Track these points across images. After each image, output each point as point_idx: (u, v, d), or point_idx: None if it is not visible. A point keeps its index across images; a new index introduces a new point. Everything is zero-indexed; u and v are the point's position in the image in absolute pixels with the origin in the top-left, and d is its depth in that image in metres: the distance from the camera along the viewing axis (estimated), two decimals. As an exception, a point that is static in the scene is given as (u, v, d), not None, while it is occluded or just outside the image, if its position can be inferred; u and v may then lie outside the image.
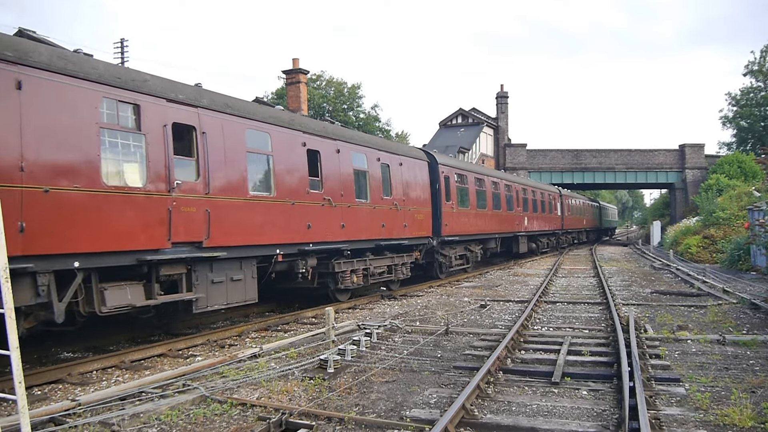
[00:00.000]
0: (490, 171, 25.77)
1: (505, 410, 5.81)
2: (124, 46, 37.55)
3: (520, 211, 27.02)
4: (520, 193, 27.20)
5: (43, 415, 5.62)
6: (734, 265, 22.18)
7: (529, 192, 29.09)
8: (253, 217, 10.16)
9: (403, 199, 15.53)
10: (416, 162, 16.92)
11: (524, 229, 27.37)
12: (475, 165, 23.60)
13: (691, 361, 7.74)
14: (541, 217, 31.35)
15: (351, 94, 55.01)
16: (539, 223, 30.74)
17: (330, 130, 13.02)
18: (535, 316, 11.52)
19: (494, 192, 23.31)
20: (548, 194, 33.77)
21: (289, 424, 5.34)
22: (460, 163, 21.64)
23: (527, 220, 27.90)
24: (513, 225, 25.63)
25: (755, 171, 39.54)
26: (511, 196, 25.75)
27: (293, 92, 27.56)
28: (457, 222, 18.72)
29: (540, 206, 31.18)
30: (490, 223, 22.29)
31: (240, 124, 10.05)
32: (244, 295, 10.01)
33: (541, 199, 31.45)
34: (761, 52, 55.19)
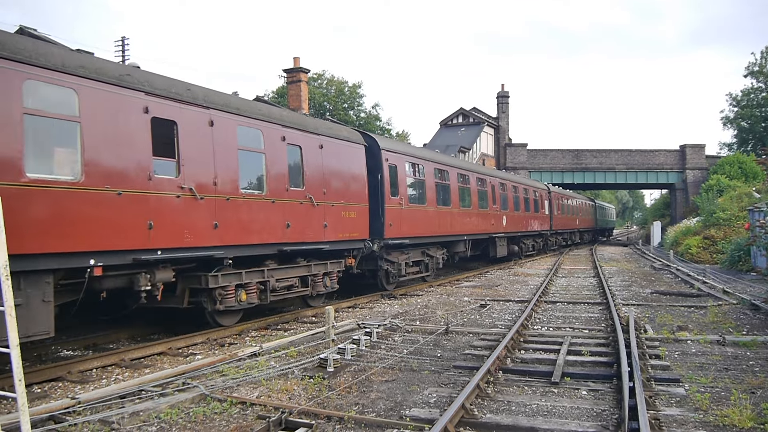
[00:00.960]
0: (456, 162, 21.62)
1: (504, 410, 5.81)
2: (125, 45, 37.57)
3: (497, 209, 23.55)
4: (497, 188, 23.83)
5: (43, 413, 5.62)
6: (734, 266, 22.18)
7: (509, 188, 25.63)
8: (36, 211, 6.83)
9: (322, 192, 12.06)
10: (346, 145, 13.26)
11: (503, 230, 23.97)
12: (436, 153, 19.89)
13: (691, 361, 7.74)
14: (526, 217, 28.08)
15: (352, 93, 54.99)
16: (523, 223, 27.51)
17: (200, 95, 9.46)
18: (535, 316, 11.52)
19: (462, 186, 19.94)
20: (534, 191, 30.42)
21: (288, 422, 5.34)
22: (413, 150, 17.81)
23: (506, 220, 24.51)
24: (488, 225, 22.22)
25: (756, 172, 39.55)
26: (486, 192, 22.40)
27: (294, 91, 27.52)
28: (407, 221, 15.48)
29: (524, 204, 27.75)
30: (456, 223, 18.95)
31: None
32: (26, 327, 6.56)
33: (524, 197, 28.08)
34: (762, 53, 55.25)
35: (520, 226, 27.04)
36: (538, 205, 30.71)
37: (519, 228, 26.72)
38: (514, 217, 25.88)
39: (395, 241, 14.90)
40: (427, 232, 16.84)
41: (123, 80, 8.09)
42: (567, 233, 39.63)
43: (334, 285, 12.94)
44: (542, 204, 31.64)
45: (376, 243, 14.15)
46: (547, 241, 33.61)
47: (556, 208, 34.47)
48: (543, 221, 31.64)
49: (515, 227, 26.07)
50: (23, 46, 7.01)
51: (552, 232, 33.93)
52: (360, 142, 14.09)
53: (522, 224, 27.33)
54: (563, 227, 37.11)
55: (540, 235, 31.69)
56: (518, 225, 26.61)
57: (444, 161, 19.18)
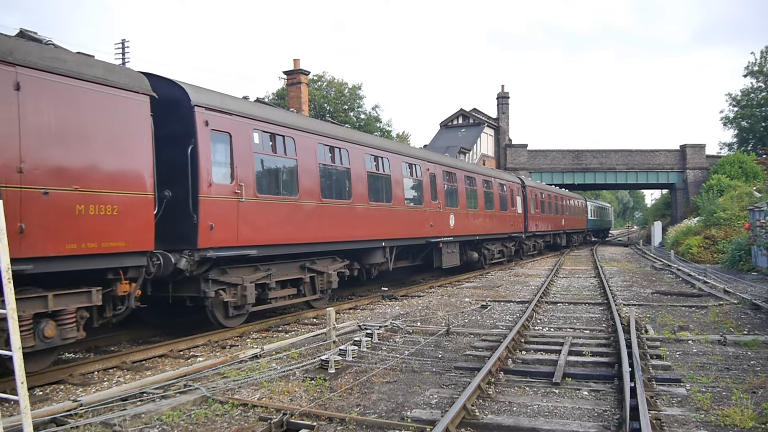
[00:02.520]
0: (365, 138, 15.36)
1: (506, 411, 5.81)
2: (125, 47, 37.63)
3: (440, 205, 17.89)
4: (439, 178, 18.03)
5: (45, 415, 5.63)
6: (735, 266, 22.18)
7: (459, 178, 19.82)
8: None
9: (17, 170, 6.60)
10: (96, 92, 7.61)
11: (450, 233, 18.42)
12: (324, 124, 14.14)
13: (692, 361, 7.74)
14: (489, 216, 22.62)
15: (352, 94, 55.10)
16: (484, 224, 21.99)
17: None
18: (536, 317, 11.52)
19: (376, 174, 14.51)
20: (500, 184, 24.66)
21: (290, 424, 5.34)
22: (271, 113, 11.45)
23: (455, 220, 18.95)
24: (423, 226, 16.73)
25: (756, 171, 39.57)
26: (421, 183, 16.92)
27: (294, 93, 27.61)
28: (257, 221, 10.31)
29: (484, 200, 22.27)
30: (366, 224, 13.73)
31: None
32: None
33: (486, 191, 22.61)
34: (761, 52, 55.31)
35: (480, 227, 21.56)
36: (506, 201, 25.09)
37: (478, 230, 21.30)
38: (469, 216, 20.41)
39: (228, 252, 9.64)
40: (303, 236, 11.50)
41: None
42: (550, 235, 34.10)
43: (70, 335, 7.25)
44: (513, 201, 26.18)
45: (184, 257, 8.92)
46: (522, 245, 28.27)
47: (533, 206, 29.00)
48: (514, 222, 26.13)
49: (472, 229, 20.70)
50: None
51: (528, 234, 28.48)
52: (138, 89, 8.20)
53: (483, 225, 21.91)
54: (544, 228, 31.70)
55: (511, 238, 26.21)
56: (476, 226, 21.17)
57: (339, 134, 13.35)
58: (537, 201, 30.03)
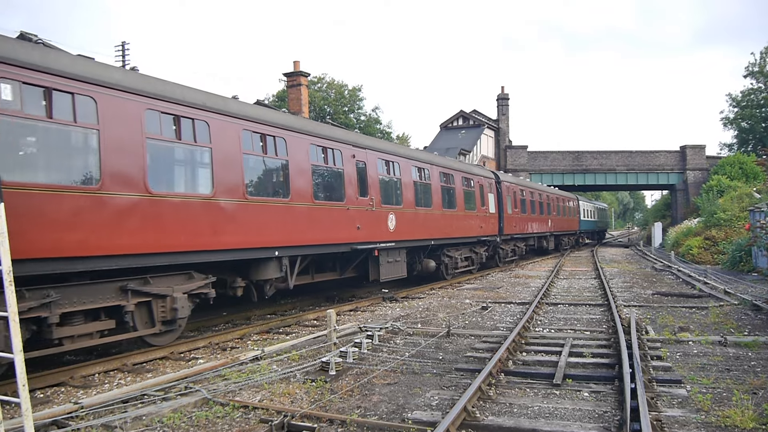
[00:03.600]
0: (226, 104, 10.08)
1: (506, 412, 5.82)
2: (125, 49, 37.66)
3: (372, 202, 13.81)
4: (372, 168, 14.05)
5: (46, 417, 5.63)
6: (735, 267, 22.18)
7: (404, 169, 15.75)
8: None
9: None
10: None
11: (390, 237, 14.57)
12: (179, 86, 9.12)
13: (693, 362, 7.74)
14: (449, 217, 18.48)
15: (352, 96, 55.18)
16: (443, 226, 17.89)
17: None
18: (537, 318, 11.52)
19: (261, 158, 10.60)
20: (466, 179, 20.44)
21: (291, 426, 5.35)
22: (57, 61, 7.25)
23: (398, 221, 14.89)
24: (345, 230, 12.77)
25: (756, 172, 39.56)
26: (341, 175, 12.82)
27: (294, 94, 27.63)
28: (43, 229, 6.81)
29: (444, 197, 18.16)
30: (241, 228, 9.89)
31: None
32: None
33: (445, 185, 18.46)
34: (761, 53, 55.40)
35: (436, 230, 17.45)
36: (473, 199, 20.99)
37: (433, 233, 17.18)
38: (418, 217, 16.33)
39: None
40: (118, 244, 7.74)
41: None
42: (533, 238, 29.84)
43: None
44: (483, 198, 22.14)
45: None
46: (498, 249, 24.32)
47: (510, 205, 25.20)
48: (486, 223, 22.14)
49: (423, 232, 16.58)
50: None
51: (506, 237, 24.59)
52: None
53: (441, 227, 17.78)
54: (525, 230, 27.51)
55: (481, 242, 22.21)
56: (430, 228, 17.03)
57: (187, 99, 9.02)
58: (516, 199, 26.27)
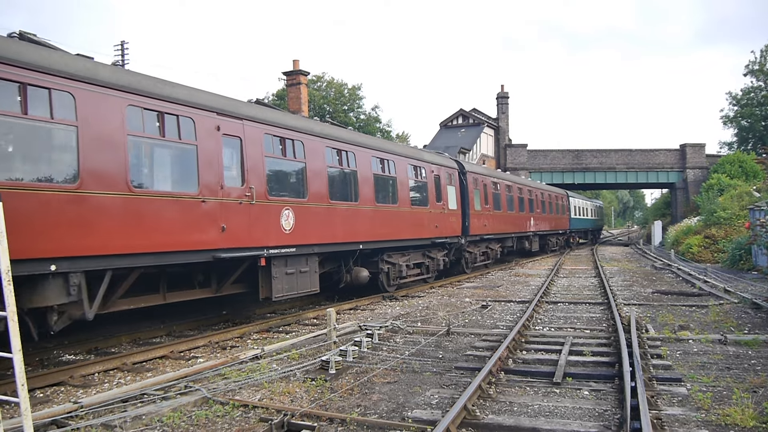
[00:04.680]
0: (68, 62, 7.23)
1: (506, 410, 5.81)
2: (125, 49, 37.63)
3: (250, 194, 10.01)
4: (253, 145, 10.32)
5: (46, 417, 5.62)
6: (735, 265, 22.18)
7: (311, 150, 11.88)
8: None
9: None
10: None
11: (289, 240, 10.91)
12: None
13: (693, 360, 7.74)
14: (388, 214, 14.77)
15: (351, 95, 55.17)
16: (378, 226, 14.29)
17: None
18: (537, 317, 11.52)
19: (34, 124, 6.79)
20: (411, 166, 16.36)
21: (291, 425, 5.34)
22: None
23: (296, 219, 11.11)
24: (203, 231, 9.08)
25: (756, 170, 39.54)
26: (191, 154, 9.12)
27: (294, 93, 27.60)
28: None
29: (378, 189, 14.47)
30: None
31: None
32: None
33: (380, 175, 14.65)
34: (761, 51, 55.38)
35: (369, 231, 13.88)
36: (425, 192, 17.07)
37: (360, 235, 13.48)
38: (336, 214, 12.53)
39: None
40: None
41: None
42: (511, 238, 25.78)
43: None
44: (440, 192, 18.08)
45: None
46: (463, 254, 20.43)
47: (478, 200, 21.20)
48: (445, 222, 18.08)
49: (348, 233, 12.97)
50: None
51: (473, 238, 20.62)
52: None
53: (376, 228, 14.20)
54: (498, 230, 23.37)
55: (437, 245, 17.90)
56: (360, 230, 13.47)
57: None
58: (486, 193, 22.17)
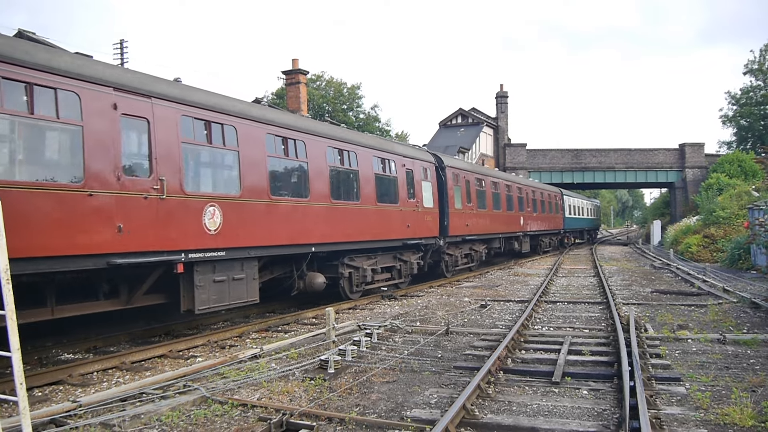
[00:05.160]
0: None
1: (505, 410, 5.81)
2: (124, 47, 37.59)
3: (155, 186, 8.14)
4: (164, 129, 8.37)
5: (44, 416, 5.62)
6: (734, 264, 22.19)
7: (246, 136, 10.05)
8: None
9: None
10: None
11: (218, 243, 9.22)
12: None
13: (692, 360, 7.74)
14: (348, 212, 13.03)
15: (351, 94, 55.15)
16: (338, 224, 12.61)
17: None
18: (536, 316, 11.52)
19: None
20: (377, 158, 14.54)
21: (289, 424, 5.34)
22: None
23: (224, 217, 9.36)
24: (94, 232, 7.23)
25: (755, 170, 39.57)
26: (75, 133, 7.13)
27: (293, 93, 27.57)
28: None
29: (336, 183, 12.72)
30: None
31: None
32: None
33: (337, 167, 12.83)
34: (761, 51, 55.44)
35: (324, 230, 12.02)
36: (394, 187, 15.16)
37: (316, 235, 11.78)
38: (280, 211, 10.79)
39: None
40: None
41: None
42: (498, 239, 23.85)
43: None
44: (414, 188, 16.19)
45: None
46: (442, 256, 18.56)
47: (461, 198, 19.45)
48: (419, 221, 16.23)
49: (296, 234, 11.19)
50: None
51: (452, 239, 18.64)
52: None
53: (335, 227, 12.44)
54: (484, 230, 21.65)
55: (411, 246, 16.15)
56: (311, 229, 11.63)
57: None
58: (470, 191, 20.37)
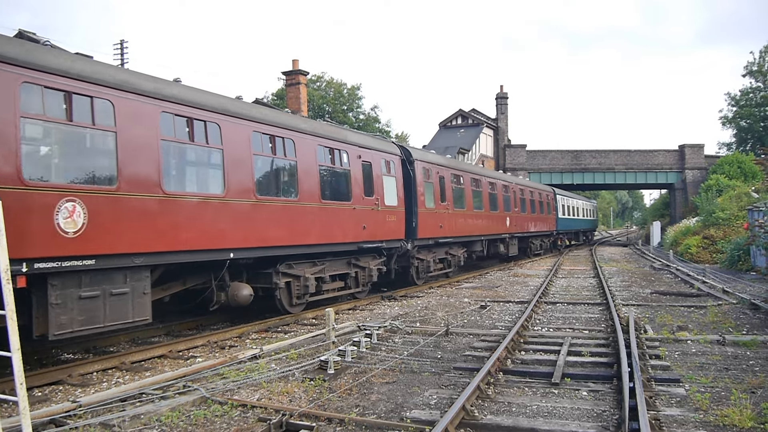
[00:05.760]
0: None
1: (505, 411, 5.81)
2: (124, 48, 37.60)
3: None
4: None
5: (44, 416, 5.62)
6: (734, 266, 22.19)
7: (127, 113, 7.79)
8: None
9: None
10: None
11: (83, 249, 7.04)
12: None
13: (691, 361, 7.75)
14: (281, 210, 10.72)
15: (351, 95, 55.14)
16: (267, 224, 10.35)
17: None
18: (535, 317, 11.52)
19: None
20: (325, 148, 12.28)
21: (289, 425, 5.34)
22: None
23: (89, 218, 7.14)
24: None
25: (755, 171, 39.57)
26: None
27: (293, 93, 27.60)
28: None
29: (263, 174, 10.57)
30: None
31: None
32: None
33: (264, 155, 10.47)
34: (760, 52, 55.45)
35: (245, 233, 9.92)
36: (345, 184, 13.03)
37: (234, 239, 9.68)
38: (182, 209, 8.67)
39: None
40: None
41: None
42: (480, 241, 21.54)
43: None
44: (372, 184, 13.95)
45: None
46: (412, 261, 16.36)
47: (433, 196, 17.02)
48: (379, 221, 14.03)
49: (204, 238, 9.06)
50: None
51: (420, 242, 16.29)
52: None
53: (262, 227, 10.29)
54: (462, 231, 19.35)
55: (370, 251, 14.10)
56: (226, 232, 9.48)
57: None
58: (444, 188, 17.93)
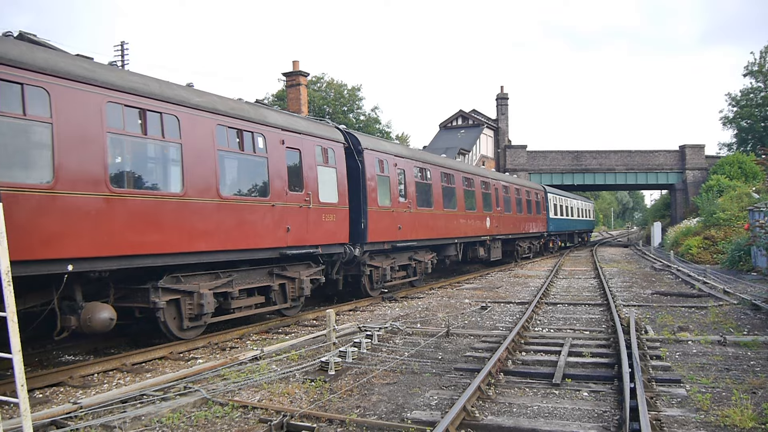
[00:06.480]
0: None
1: (506, 412, 5.81)
2: (124, 49, 37.64)
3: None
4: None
5: (45, 417, 5.62)
6: (735, 266, 22.18)
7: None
8: None
9: None
10: None
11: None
12: None
13: (692, 362, 7.74)
14: (176, 212, 8.48)
15: (351, 96, 55.19)
16: (144, 230, 7.95)
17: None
18: (536, 318, 11.52)
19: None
20: (224, 127, 9.41)
21: (290, 426, 5.34)
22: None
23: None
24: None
25: (755, 172, 39.56)
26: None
27: (293, 94, 27.62)
28: None
29: (164, 169, 8.66)
30: None
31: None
32: None
33: (155, 139, 8.28)
34: (761, 52, 55.44)
35: (111, 239, 7.47)
36: (262, 176, 10.43)
37: (81, 247, 7.11)
38: (30, 210, 6.55)
39: None
40: None
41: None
42: (456, 244, 19.07)
43: None
44: (300, 176, 11.32)
45: None
46: (363, 269, 14.04)
47: (388, 193, 14.67)
48: (308, 220, 11.45)
49: (56, 246, 6.83)
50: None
51: (372, 247, 13.92)
52: None
53: (142, 232, 7.94)
54: (429, 234, 16.84)
55: (299, 258, 11.60)
56: (89, 238, 7.20)
57: None
58: (405, 183, 15.60)
